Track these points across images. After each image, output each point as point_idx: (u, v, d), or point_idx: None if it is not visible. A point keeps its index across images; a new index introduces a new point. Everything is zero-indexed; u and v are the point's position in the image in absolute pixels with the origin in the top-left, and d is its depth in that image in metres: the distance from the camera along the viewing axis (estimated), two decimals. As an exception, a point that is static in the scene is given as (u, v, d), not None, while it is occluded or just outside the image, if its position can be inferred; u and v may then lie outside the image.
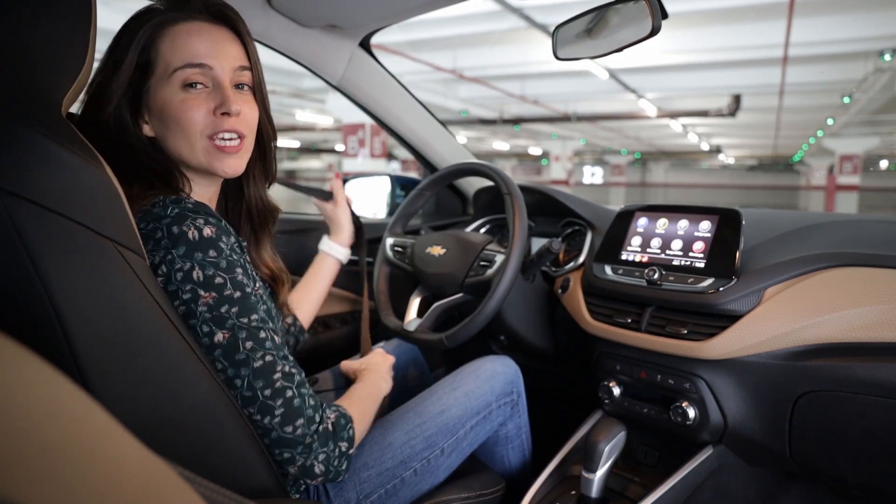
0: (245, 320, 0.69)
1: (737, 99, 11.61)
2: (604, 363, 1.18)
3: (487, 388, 1.06)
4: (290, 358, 0.74)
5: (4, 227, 0.52)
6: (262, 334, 0.71)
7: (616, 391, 1.15)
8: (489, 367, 1.10)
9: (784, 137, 18.99)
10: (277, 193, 1.00)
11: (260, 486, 0.69)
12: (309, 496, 0.83)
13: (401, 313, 1.34)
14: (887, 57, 7.48)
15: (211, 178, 0.82)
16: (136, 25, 0.75)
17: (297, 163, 34.33)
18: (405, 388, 1.27)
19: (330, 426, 0.75)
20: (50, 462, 0.20)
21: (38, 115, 0.57)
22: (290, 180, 1.33)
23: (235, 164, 0.79)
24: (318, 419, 0.73)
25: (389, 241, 1.42)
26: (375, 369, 1.01)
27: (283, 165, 34.02)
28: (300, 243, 1.54)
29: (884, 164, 26.48)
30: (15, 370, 0.22)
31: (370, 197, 1.86)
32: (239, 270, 0.71)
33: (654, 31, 0.92)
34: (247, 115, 0.79)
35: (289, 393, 0.71)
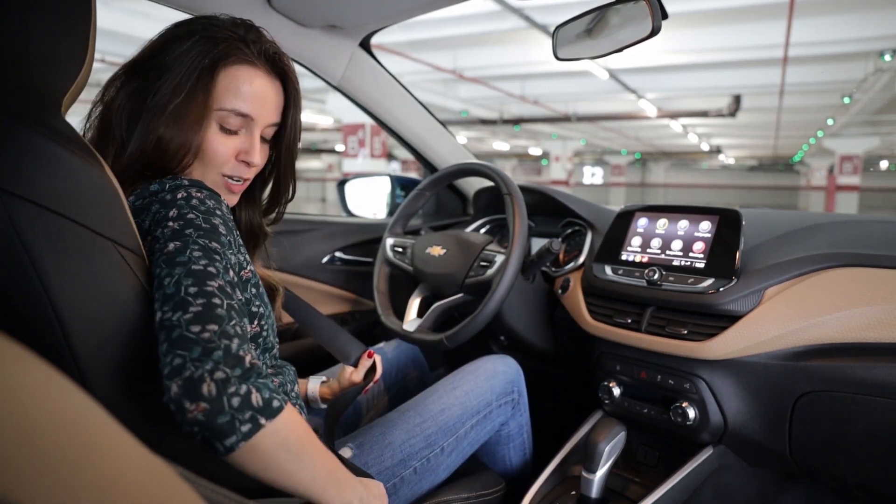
0: (204, 242, 0.64)
1: (737, 99, 11.59)
2: (604, 363, 1.17)
3: (488, 388, 1.06)
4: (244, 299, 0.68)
5: (4, 227, 0.52)
6: (217, 257, 0.64)
7: (616, 391, 1.15)
8: (490, 366, 1.10)
9: (784, 138, 18.98)
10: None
11: (260, 485, 0.68)
12: None
13: (401, 313, 1.34)
14: (887, 57, 7.47)
15: None
16: (207, 48, 0.74)
17: (297, 163, 34.21)
18: (405, 388, 1.27)
19: (248, 363, 0.59)
20: (50, 462, 0.20)
21: (38, 115, 0.57)
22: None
23: (232, 200, 0.83)
24: (238, 341, 0.59)
25: (389, 241, 1.42)
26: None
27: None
28: (300, 243, 1.54)
29: (884, 164, 26.46)
30: (15, 370, 0.22)
31: (370, 197, 1.86)
32: (218, 221, 0.68)
33: (654, 32, 0.92)
34: (259, 165, 0.82)
35: (216, 300, 0.60)
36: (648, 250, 1.13)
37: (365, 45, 1.43)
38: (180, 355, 0.56)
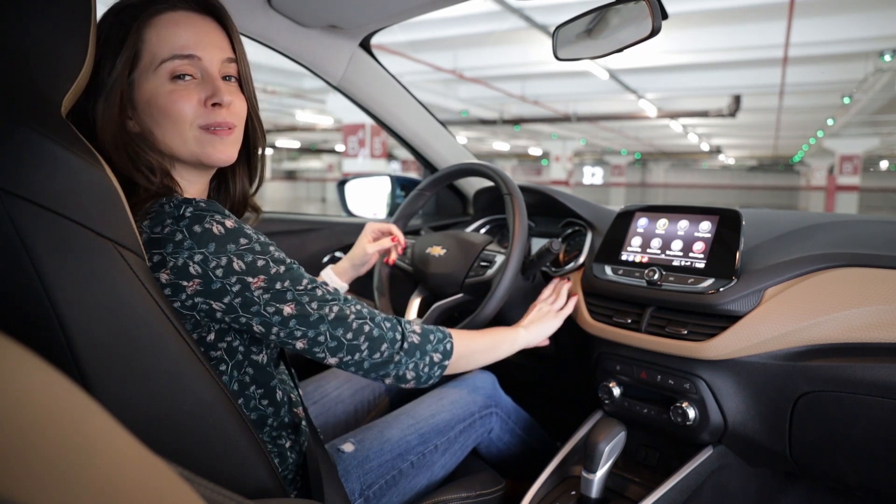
0: (301, 287, 0.73)
1: (737, 99, 11.60)
2: (604, 363, 1.17)
3: (471, 400, 1.13)
4: (349, 297, 0.80)
5: (4, 227, 0.52)
6: (320, 291, 0.76)
7: (616, 391, 1.15)
8: (470, 382, 1.18)
9: (784, 138, 18.98)
10: (278, 193, 1.00)
11: (260, 486, 0.68)
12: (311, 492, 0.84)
13: (401, 313, 1.34)
14: (887, 57, 7.48)
15: (201, 172, 0.79)
16: (120, 18, 0.71)
17: (298, 163, 34.35)
18: (407, 391, 1.28)
19: (416, 339, 0.84)
20: (50, 462, 0.20)
21: (38, 115, 0.57)
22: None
23: (228, 151, 0.76)
24: (399, 338, 0.82)
25: (389, 241, 1.42)
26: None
27: (284, 166, 34.07)
28: (300, 243, 1.54)
29: (884, 164, 26.46)
30: (15, 370, 0.22)
31: (370, 197, 1.86)
32: (272, 248, 0.73)
33: (655, 32, 0.92)
34: (237, 106, 0.77)
35: (366, 328, 0.78)
36: (648, 250, 1.13)
37: (365, 45, 1.43)
38: (382, 370, 0.81)
